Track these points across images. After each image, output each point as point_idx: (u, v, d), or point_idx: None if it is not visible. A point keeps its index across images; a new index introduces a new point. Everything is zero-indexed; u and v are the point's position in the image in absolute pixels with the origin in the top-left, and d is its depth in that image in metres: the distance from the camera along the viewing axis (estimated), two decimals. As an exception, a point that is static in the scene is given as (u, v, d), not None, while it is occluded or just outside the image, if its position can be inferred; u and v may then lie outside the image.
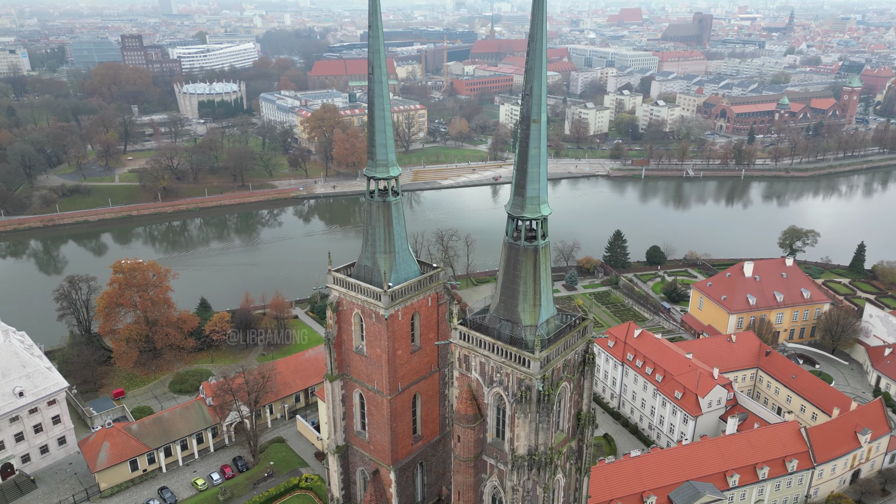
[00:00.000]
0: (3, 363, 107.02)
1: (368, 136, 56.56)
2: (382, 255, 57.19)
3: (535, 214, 47.40)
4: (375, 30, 53.34)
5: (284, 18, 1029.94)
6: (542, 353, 46.68)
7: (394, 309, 56.01)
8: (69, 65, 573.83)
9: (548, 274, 49.17)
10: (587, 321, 51.74)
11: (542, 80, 44.16)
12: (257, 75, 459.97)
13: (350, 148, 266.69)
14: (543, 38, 43.44)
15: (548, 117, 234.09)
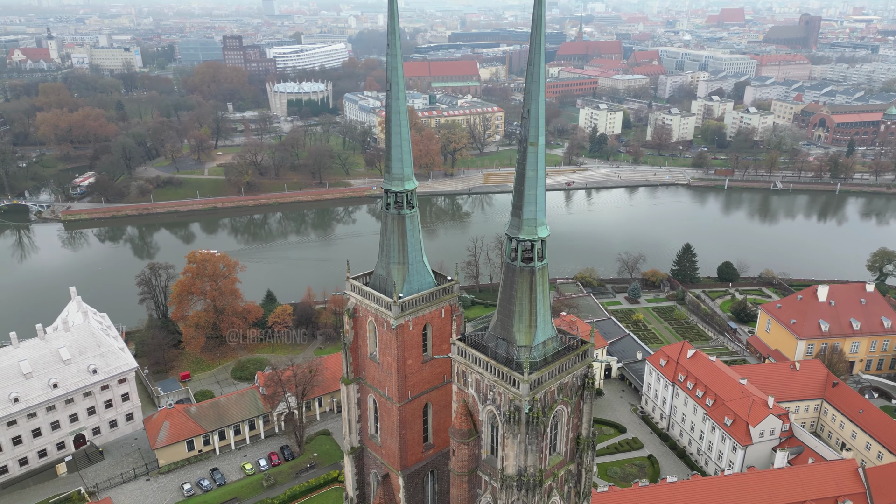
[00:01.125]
0: (81, 342, 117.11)
1: (385, 150, 58.24)
2: (396, 265, 58.75)
3: (532, 236, 47.38)
4: (393, 48, 54.87)
5: (377, 19, 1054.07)
6: (532, 375, 46.64)
7: (404, 319, 57.38)
8: (177, 62, 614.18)
9: (545, 296, 49.00)
10: (587, 346, 51.08)
11: (539, 103, 44.11)
12: (345, 75, 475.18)
13: (423, 150, 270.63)
14: (541, 62, 43.39)
15: (630, 122, 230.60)
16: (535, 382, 47.06)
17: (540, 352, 49.16)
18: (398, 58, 54.97)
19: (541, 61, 43.38)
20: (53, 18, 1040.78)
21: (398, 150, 56.67)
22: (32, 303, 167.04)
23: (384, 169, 58.00)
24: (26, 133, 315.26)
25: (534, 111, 44.41)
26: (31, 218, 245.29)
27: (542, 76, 43.75)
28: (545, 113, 44.53)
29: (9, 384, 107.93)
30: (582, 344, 51.28)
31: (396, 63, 54.91)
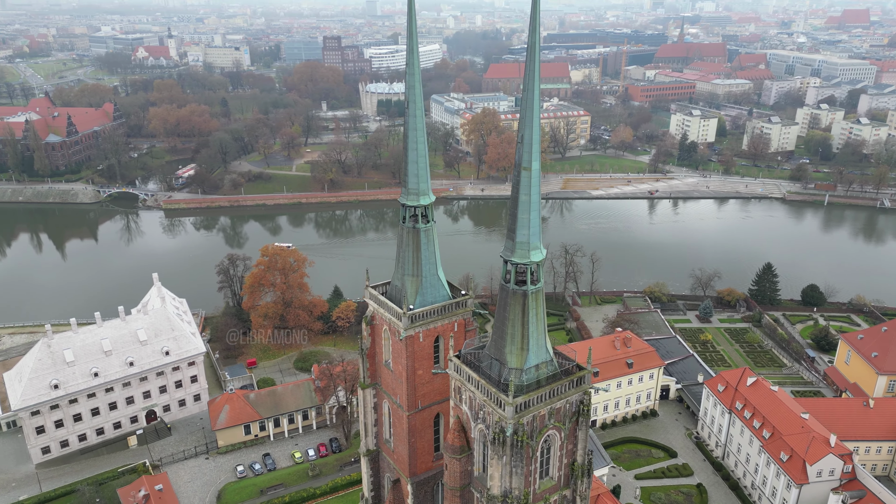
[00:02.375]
0: (157, 325, 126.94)
1: (403, 165, 59.78)
2: (409, 277, 60.25)
3: (524, 260, 47.34)
4: (412, 67, 56.26)
5: (475, 19, 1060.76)
6: (519, 398, 46.66)
7: (414, 330, 58.76)
8: (281, 61, 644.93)
9: (539, 319, 48.78)
10: (584, 372, 50.36)
11: (533, 129, 44.01)
12: (436, 76, 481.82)
13: (502, 152, 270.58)
14: (535, 88, 43.32)
15: (726, 130, 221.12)
16: (522, 406, 47.06)
17: (532, 375, 49.07)
18: (416, 77, 56.39)
19: (535, 87, 43.35)
20: (177, 18, 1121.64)
21: (414, 167, 58.07)
22: (126, 284, 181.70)
23: (402, 183, 59.61)
24: (140, 126, 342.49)
25: (527, 136, 44.43)
26: (137, 205, 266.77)
27: (536, 102, 43.70)
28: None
29: (91, 360, 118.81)
30: (578, 370, 50.63)
31: (414, 82, 56.34)
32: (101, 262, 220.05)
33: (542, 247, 48.04)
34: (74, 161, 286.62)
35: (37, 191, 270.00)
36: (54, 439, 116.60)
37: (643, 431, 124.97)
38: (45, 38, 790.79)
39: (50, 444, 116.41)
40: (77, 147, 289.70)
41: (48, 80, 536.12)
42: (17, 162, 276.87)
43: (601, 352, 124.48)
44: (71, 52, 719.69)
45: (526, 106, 44.17)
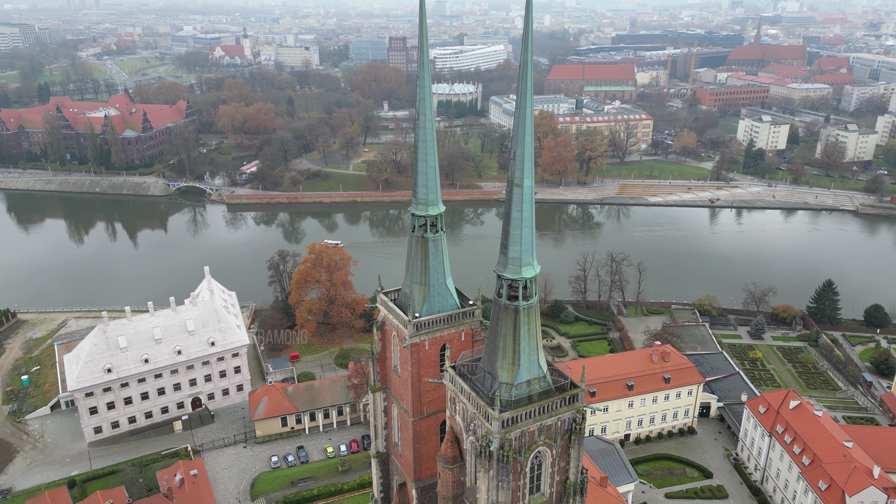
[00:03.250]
0: (204, 316, 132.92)
1: (413, 176, 60.69)
2: (418, 285, 61.16)
3: (515, 275, 47.35)
4: (423, 80, 57.06)
5: (544, 19, 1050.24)
6: (505, 413, 46.79)
7: (419, 338, 59.65)
8: (349, 61, 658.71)
9: (531, 335, 48.68)
10: (577, 390, 49.92)
11: (525, 147, 43.99)
12: (499, 77, 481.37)
13: (557, 156, 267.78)
14: (528, 106, 43.30)
15: (798, 137, 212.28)
16: (510, 421, 47.19)
17: (523, 390, 49.09)
18: (426, 89, 57.19)
19: (527, 105, 43.37)
20: (254, 18, 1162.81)
21: (423, 177, 58.98)
22: (185, 274, 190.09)
23: (412, 193, 60.57)
24: (211, 123, 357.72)
25: (519, 154, 44.50)
26: (203, 199, 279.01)
27: (528, 120, 43.71)
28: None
29: (142, 347, 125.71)
30: (573, 387, 50.28)
31: (425, 94, 57.17)
32: (166, 252, 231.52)
33: (535, 263, 47.96)
34: (148, 155, 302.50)
35: (112, 182, 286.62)
36: (106, 420, 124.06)
37: (678, 449, 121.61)
38: (132, 37, 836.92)
39: (102, 425, 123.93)
40: (151, 142, 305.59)
41: (131, 77, 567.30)
42: (95, 155, 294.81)
43: (637, 365, 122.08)
44: (154, 51, 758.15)
45: (518, 123, 44.26)
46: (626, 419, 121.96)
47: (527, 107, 43.47)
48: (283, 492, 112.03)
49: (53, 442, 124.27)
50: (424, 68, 56.88)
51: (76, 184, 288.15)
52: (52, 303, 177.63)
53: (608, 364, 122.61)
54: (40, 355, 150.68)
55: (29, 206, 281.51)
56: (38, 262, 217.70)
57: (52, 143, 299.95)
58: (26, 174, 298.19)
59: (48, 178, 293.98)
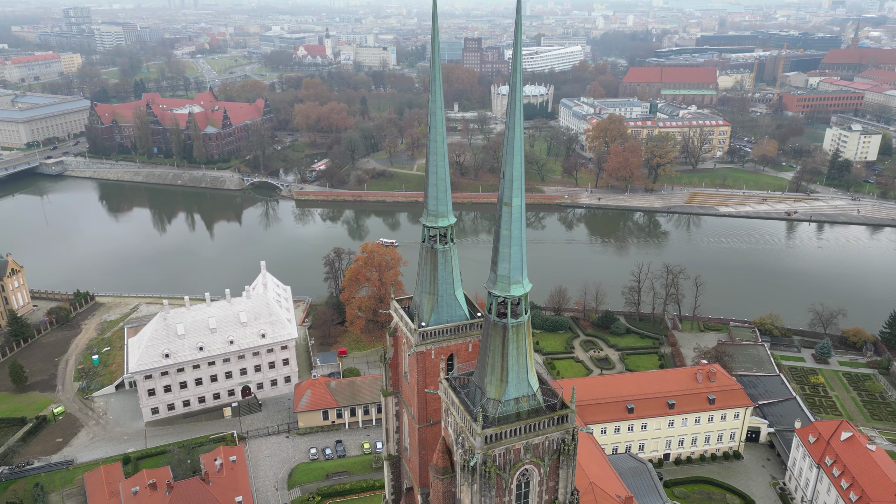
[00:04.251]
0: (257, 309, 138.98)
1: (424, 188, 61.57)
2: (426, 295, 62.05)
3: (504, 293, 47.37)
4: (434, 94, 57.77)
5: (627, 19, 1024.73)
6: (489, 429, 46.98)
7: (425, 347, 60.59)
8: (425, 61, 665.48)
9: (521, 353, 48.54)
10: (565, 411, 49.40)
11: (513, 166, 43.91)
12: (573, 79, 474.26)
13: (623, 161, 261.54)
14: (517, 126, 43.23)
15: (892, 148, 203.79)
16: (493, 437, 47.38)
17: (511, 407, 49.13)
18: (438, 104, 57.90)
19: (516, 125, 43.36)
20: (338, 18, 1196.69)
21: (434, 189, 59.76)
22: (248, 265, 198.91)
23: (424, 204, 61.53)
24: (287, 121, 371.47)
25: (508, 173, 44.57)
26: (274, 194, 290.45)
27: (517, 139, 43.68)
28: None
29: (198, 335, 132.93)
30: (563, 407, 49.87)
31: (436, 108, 57.93)
32: (235, 244, 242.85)
33: (524, 281, 47.87)
34: (226, 151, 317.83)
35: (193, 176, 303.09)
36: (162, 402, 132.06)
37: (721, 473, 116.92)
38: (224, 36, 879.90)
39: (158, 406, 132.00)
40: (230, 138, 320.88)
41: (220, 75, 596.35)
42: (179, 149, 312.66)
43: (679, 384, 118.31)
44: (243, 49, 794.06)
45: (508, 143, 44.35)
46: (666, 438, 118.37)
47: (516, 127, 43.50)
48: (317, 483, 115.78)
49: (115, 419, 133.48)
50: (437, 83, 57.66)
51: (160, 176, 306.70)
52: (127, 288, 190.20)
53: (649, 380, 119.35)
54: (111, 337, 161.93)
55: (118, 195, 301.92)
56: (120, 248, 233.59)
57: (141, 137, 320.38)
58: (117, 165, 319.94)
59: (136, 169, 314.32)
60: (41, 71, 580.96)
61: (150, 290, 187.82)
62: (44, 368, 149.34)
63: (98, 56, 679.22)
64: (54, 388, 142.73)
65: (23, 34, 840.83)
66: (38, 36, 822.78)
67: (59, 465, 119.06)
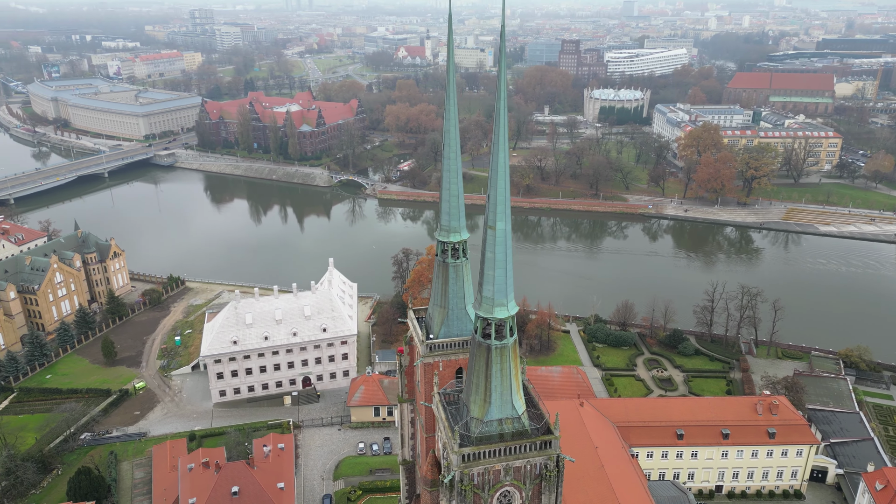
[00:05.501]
0: (320, 304, 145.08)
1: (439, 203, 62.38)
2: (437, 308, 62.99)
3: (488, 315, 47.38)
4: (449, 112, 58.44)
5: (742, 20, 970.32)
6: (466, 448, 47.32)
7: (433, 359, 61.62)
8: (523, 63, 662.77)
9: (505, 375, 48.40)
10: (549, 437, 48.77)
11: (498, 189, 43.82)
12: (673, 83, 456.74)
13: (714, 172, 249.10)
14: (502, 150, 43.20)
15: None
16: (471, 456, 47.77)
17: (493, 428, 49.22)
18: (452, 122, 58.56)
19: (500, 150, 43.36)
20: (442, 19, 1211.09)
21: (447, 205, 60.61)
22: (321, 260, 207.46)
23: (438, 219, 62.45)
24: (379, 121, 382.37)
25: (492, 196, 44.64)
26: (360, 192, 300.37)
27: (502, 164, 43.68)
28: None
29: (264, 325, 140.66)
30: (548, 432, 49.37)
31: (451, 126, 58.63)
32: (318, 238, 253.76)
33: (508, 304, 47.76)
34: (319, 149, 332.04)
35: (286, 171, 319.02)
36: (229, 386, 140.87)
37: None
38: (331, 37, 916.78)
39: (225, 389, 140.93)
40: (322, 137, 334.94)
41: (325, 75, 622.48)
42: (276, 146, 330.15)
43: (736, 413, 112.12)
44: (349, 50, 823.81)
45: (493, 166, 44.50)
46: (719, 469, 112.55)
47: (500, 152, 43.60)
48: (361, 478, 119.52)
49: (187, 398, 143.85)
50: (451, 101, 58.37)
51: (257, 170, 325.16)
52: (214, 275, 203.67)
53: (702, 406, 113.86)
54: (194, 320, 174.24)
55: (220, 187, 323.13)
56: (214, 236, 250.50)
57: (243, 133, 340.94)
58: (221, 159, 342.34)
59: (236, 163, 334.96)
60: (165, 68, 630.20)
61: (234, 279, 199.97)
62: (132, 345, 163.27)
63: (217, 55, 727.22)
64: (139, 364, 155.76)
65: (154, 33, 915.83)
66: (167, 35, 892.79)
67: (134, 436, 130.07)
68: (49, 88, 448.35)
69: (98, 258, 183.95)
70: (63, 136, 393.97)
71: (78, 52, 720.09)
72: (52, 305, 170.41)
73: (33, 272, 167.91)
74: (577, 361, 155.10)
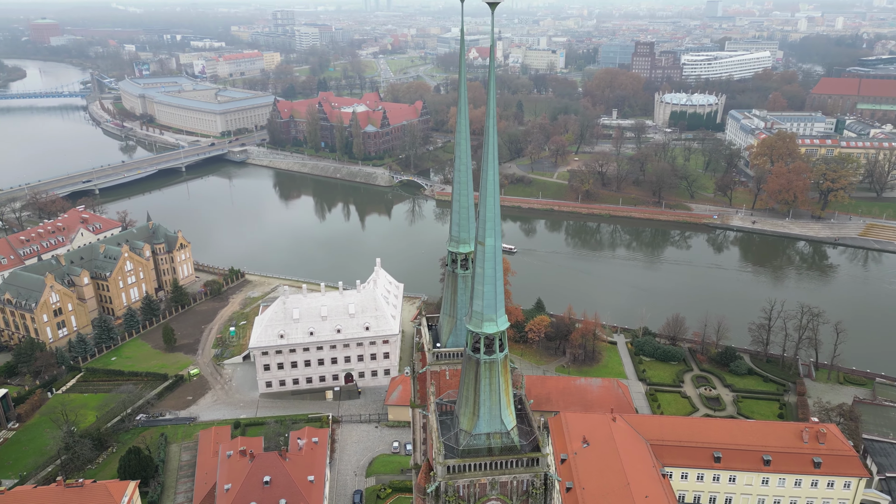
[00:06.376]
0: (364, 303, 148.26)
1: (450, 214, 62.76)
2: (446, 317, 63.50)
3: (477, 329, 47.50)
4: (461, 125, 58.40)
5: (836, 22, 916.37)
6: (449, 459, 47.80)
7: (439, 367, 62.32)
8: (595, 65, 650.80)
9: (493, 389, 48.37)
10: (536, 454, 48.43)
11: (487, 206, 43.76)
12: (753, 87, 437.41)
13: (786, 183, 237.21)
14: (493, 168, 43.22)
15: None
16: (456, 468, 48.16)
17: (482, 441, 49.38)
18: (464, 134, 58.61)
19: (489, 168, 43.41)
20: (517, 20, 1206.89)
21: (457, 216, 60.87)
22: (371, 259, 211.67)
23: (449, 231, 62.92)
24: (444, 122, 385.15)
25: (482, 212, 44.76)
26: (419, 193, 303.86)
27: (492, 180, 43.74)
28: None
29: (310, 321, 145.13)
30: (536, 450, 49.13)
31: (461, 139, 58.76)
32: (374, 237, 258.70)
33: (498, 319, 47.71)
34: (382, 149, 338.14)
35: (350, 170, 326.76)
36: (275, 377, 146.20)
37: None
38: (405, 38, 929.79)
39: (271, 380, 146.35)
40: (386, 137, 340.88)
41: (396, 75, 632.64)
42: (342, 145, 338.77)
43: (780, 439, 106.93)
44: (421, 51, 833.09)
45: (483, 183, 44.66)
46: (759, 496, 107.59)
47: (489, 169, 43.74)
48: (392, 476, 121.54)
49: (237, 387, 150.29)
50: (462, 114, 58.42)
51: (323, 168, 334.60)
52: (272, 268, 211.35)
53: (743, 430, 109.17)
54: (249, 312, 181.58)
55: (287, 183, 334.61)
56: (277, 231, 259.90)
57: (311, 132, 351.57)
58: (289, 157, 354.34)
59: (304, 161, 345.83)
60: (246, 67, 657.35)
61: (291, 273, 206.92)
62: (191, 333, 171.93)
63: (294, 55, 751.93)
64: (195, 352, 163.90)
65: (239, 33, 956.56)
66: (251, 35, 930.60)
67: (185, 420, 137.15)
68: (137, 85, 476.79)
69: (166, 249, 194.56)
70: (148, 131, 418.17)
71: (168, 50, 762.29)
72: (122, 292, 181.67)
73: (106, 260, 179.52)
74: (622, 374, 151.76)
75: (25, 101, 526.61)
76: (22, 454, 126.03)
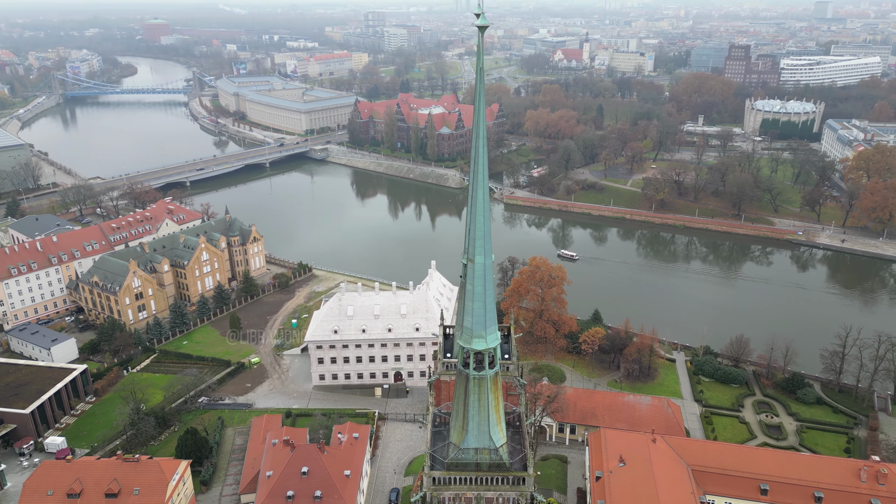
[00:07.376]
0: (416, 304, 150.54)
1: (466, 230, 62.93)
2: (459, 329, 64.05)
3: (467, 345, 47.79)
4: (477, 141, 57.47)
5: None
6: (436, 472, 48.47)
7: (448, 377, 63.14)
8: (687, 68, 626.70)
9: (482, 405, 48.52)
10: (523, 474, 48.17)
11: (476, 225, 43.89)
12: (858, 95, 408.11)
13: (881, 200, 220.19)
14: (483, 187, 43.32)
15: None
16: (441, 480, 48.79)
17: (470, 456, 49.70)
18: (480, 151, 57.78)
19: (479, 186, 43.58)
20: (608, 21, 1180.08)
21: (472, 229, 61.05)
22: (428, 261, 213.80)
23: (465, 243, 63.19)
24: (520, 125, 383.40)
25: (471, 232, 45.01)
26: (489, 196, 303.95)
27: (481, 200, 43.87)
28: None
29: (363, 319, 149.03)
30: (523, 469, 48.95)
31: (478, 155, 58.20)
32: (439, 238, 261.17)
33: (487, 336, 47.84)
34: (455, 151, 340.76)
35: (422, 171, 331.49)
36: (328, 371, 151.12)
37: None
38: (492, 39, 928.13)
39: (325, 374, 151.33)
40: (460, 139, 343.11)
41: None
42: (416, 146, 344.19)
43: (835, 476, 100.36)
44: (506, 52, 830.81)
45: (472, 204, 44.91)
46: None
47: (479, 188, 43.96)
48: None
49: (293, 377, 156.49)
50: (480, 127, 58.15)
51: (397, 168, 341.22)
52: (338, 264, 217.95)
53: (794, 463, 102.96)
54: (312, 306, 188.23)
55: (363, 182, 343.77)
56: (349, 227, 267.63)
57: (388, 132, 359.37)
58: (367, 156, 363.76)
59: (379, 161, 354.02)
60: (335, 67, 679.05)
61: (354, 270, 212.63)
62: (256, 323, 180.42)
63: (382, 55, 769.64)
64: (258, 341, 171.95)
65: (332, 34, 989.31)
66: (343, 36, 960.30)
67: (241, 405, 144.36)
68: (233, 84, 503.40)
69: (240, 241, 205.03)
70: (239, 127, 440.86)
71: (265, 50, 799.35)
72: (198, 280, 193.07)
73: (185, 249, 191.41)
74: (677, 394, 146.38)
75: (134, 97, 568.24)
76: (95, 426, 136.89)
